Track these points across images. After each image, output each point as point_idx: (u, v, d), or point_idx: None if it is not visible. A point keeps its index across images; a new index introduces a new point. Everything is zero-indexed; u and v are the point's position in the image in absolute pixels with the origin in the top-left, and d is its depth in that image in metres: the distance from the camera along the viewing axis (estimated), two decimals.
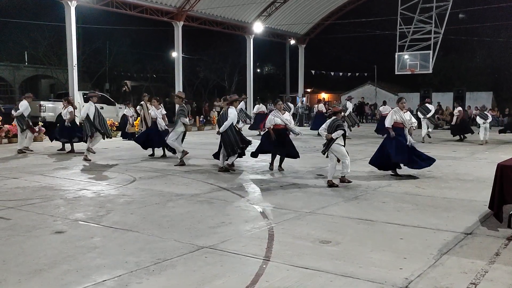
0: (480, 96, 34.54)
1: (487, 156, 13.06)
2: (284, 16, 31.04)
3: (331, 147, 8.33)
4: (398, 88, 41.58)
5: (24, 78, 36.30)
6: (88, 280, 4.03)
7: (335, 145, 8.34)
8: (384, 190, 8.10)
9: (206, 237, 5.31)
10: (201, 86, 44.26)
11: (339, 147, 8.38)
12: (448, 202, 7.20)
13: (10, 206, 6.78)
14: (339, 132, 8.29)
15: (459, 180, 9.16)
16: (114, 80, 42.60)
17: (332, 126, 8.34)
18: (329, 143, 8.36)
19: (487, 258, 4.61)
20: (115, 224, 5.86)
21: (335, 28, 34.70)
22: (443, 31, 26.14)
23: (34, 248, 4.90)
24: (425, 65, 26.65)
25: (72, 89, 20.71)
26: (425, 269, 4.31)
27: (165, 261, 4.52)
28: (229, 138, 9.88)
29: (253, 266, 4.40)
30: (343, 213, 6.45)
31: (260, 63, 47.39)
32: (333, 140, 8.31)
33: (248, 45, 30.76)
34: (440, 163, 11.55)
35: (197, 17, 26.85)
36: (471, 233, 5.50)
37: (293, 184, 8.70)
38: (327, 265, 4.42)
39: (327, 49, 44.59)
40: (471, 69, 40.30)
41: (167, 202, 7.11)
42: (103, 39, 35.33)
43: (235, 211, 6.63)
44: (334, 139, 8.30)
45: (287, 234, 5.44)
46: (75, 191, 8.00)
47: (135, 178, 9.34)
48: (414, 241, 5.18)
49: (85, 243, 5.09)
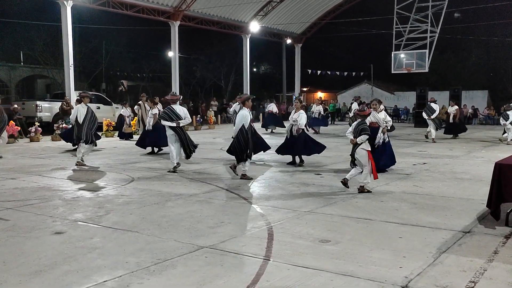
0: (476, 94, 34.70)
1: (484, 154, 13.12)
2: (280, 16, 31.08)
3: (356, 151, 7.88)
4: (394, 87, 41.72)
5: (20, 78, 36.15)
6: (89, 281, 4.03)
7: (359, 150, 7.84)
8: (382, 189, 8.13)
9: (206, 237, 5.31)
10: (198, 85, 44.25)
11: (362, 152, 7.83)
12: (446, 200, 7.23)
13: (8, 207, 6.77)
14: (363, 137, 7.77)
15: (457, 178, 9.20)
16: (111, 79, 42.49)
17: (357, 130, 7.87)
18: (353, 147, 7.94)
19: (485, 257, 4.64)
20: (114, 224, 5.86)
21: (332, 27, 34.85)
22: (439, 30, 26.27)
23: (34, 249, 4.89)
24: (421, 64, 26.78)
25: (69, 89, 20.69)
26: (424, 268, 4.33)
27: (165, 261, 4.52)
28: (239, 143, 9.11)
29: (253, 265, 4.41)
30: (342, 212, 6.48)
31: (256, 62, 47.44)
32: (358, 145, 7.84)
33: (245, 44, 30.79)
34: (437, 161, 11.61)
35: (194, 17, 26.87)
36: (470, 231, 5.53)
37: (291, 184, 8.72)
38: (327, 264, 4.44)
39: (323, 48, 44.72)
40: (467, 68, 40.48)
41: (166, 202, 7.12)
42: (99, 38, 35.25)
43: (234, 211, 6.64)
44: (359, 143, 7.82)
45: (286, 233, 5.45)
46: (74, 192, 7.99)
47: (133, 178, 9.33)
48: (413, 239, 5.21)
49: (85, 243, 5.09)
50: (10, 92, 34.41)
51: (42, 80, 37.67)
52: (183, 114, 10.18)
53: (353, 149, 7.91)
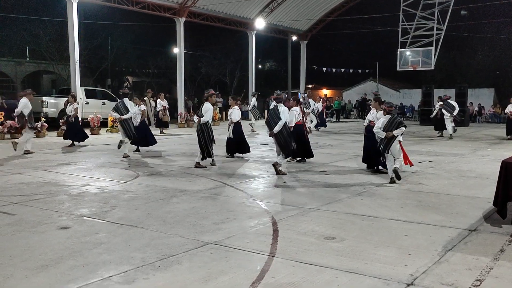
0: (482, 92, 34.52)
1: (490, 153, 13.05)
2: (286, 12, 30.99)
3: (393, 144, 8.37)
4: (399, 84, 41.57)
5: (26, 73, 36.30)
6: (95, 276, 4.05)
7: (395, 142, 8.39)
8: (388, 187, 8.10)
9: (211, 233, 5.32)
10: (203, 82, 44.23)
11: (396, 143, 8.40)
12: (451, 198, 7.20)
13: (14, 202, 6.80)
14: (401, 130, 8.34)
15: (462, 176, 9.16)
16: (116, 75, 42.57)
17: (393, 124, 8.35)
18: (389, 140, 8.35)
19: (491, 255, 4.62)
20: (120, 220, 5.88)
21: (337, 24, 34.66)
22: (445, 28, 26.09)
23: (40, 244, 4.91)
24: (427, 61, 26.62)
25: (74, 85, 20.73)
26: (430, 266, 4.32)
27: (170, 257, 4.53)
28: (285, 138, 9.19)
29: (258, 262, 4.41)
30: (347, 209, 6.47)
31: (261, 59, 47.35)
32: (395, 137, 8.33)
33: (250, 41, 30.73)
34: (443, 159, 11.56)
35: (199, 13, 26.83)
36: (475, 229, 5.51)
37: (296, 181, 8.71)
38: (332, 261, 4.43)
39: (329, 45, 44.60)
40: (473, 65, 40.24)
41: (171, 198, 7.13)
42: (105, 34, 35.31)
43: (239, 207, 6.65)
44: (396, 136, 8.32)
45: (291, 230, 5.45)
46: (79, 187, 8.01)
47: (138, 174, 9.35)
48: (419, 237, 5.19)
49: (90, 238, 5.10)
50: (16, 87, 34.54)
51: (48, 76, 37.79)
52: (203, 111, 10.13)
53: (390, 142, 8.32)
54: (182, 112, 25.35)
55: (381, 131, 8.44)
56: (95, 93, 24.34)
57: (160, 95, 19.86)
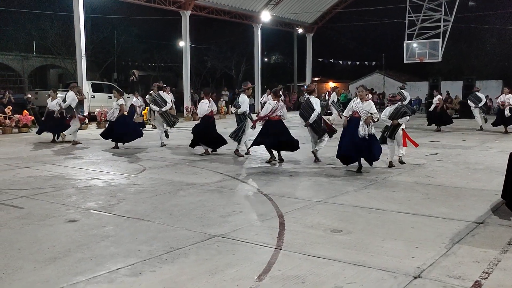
0: (490, 84, 34.21)
1: (498, 145, 12.97)
2: (291, 5, 30.84)
3: (397, 131, 9.28)
4: (406, 77, 41.28)
5: (33, 68, 36.40)
6: (103, 268, 4.07)
7: (399, 130, 9.31)
8: (394, 179, 8.08)
9: (217, 226, 5.33)
10: (209, 75, 44.18)
11: (400, 131, 9.33)
12: (458, 191, 7.17)
13: (23, 195, 6.85)
14: (406, 118, 9.22)
15: (470, 169, 9.12)
16: (122, 69, 42.62)
17: (398, 113, 9.15)
18: (395, 128, 9.24)
19: (499, 248, 4.60)
20: (127, 213, 5.91)
21: (343, 16, 34.48)
22: (452, 19, 25.87)
23: (48, 237, 4.95)
24: (434, 53, 26.43)
25: (81, 79, 20.77)
26: (437, 258, 4.31)
27: (177, 249, 4.55)
28: (319, 125, 9.74)
29: (265, 255, 4.42)
30: (354, 202, 6.46)
31: (267, 52, 47.18)
32: (400, 126, 9.24)
33: (256, 34, 30.64)
34: (450, 152, 11.51)
35: (205, 6, 26.77)
36: (483, 222, 5.48)
37: (302, 173, 8.71)
38: (339, 254, 4.43)
39: (335, 38, 44.37)
40: (481, 57, 39.87)
41: (177, 191, 7.15)
42: (111, 28, 35.30)
43: (246, 200, 6.66)
44: (401, 124, 9.23)
45: (298, 223, 5.45)
46: (86, 180, 8.06)
47: (145, 167, 9.38)
48: (426, 230, 5.18)
49: (98, 231, 5.13)
50: (23, 81, 34.68)
51: (55, 70, 37.87)
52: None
53: (395, 129, 9.22)
54: (188, 106, 25.38)
55: (387, 119, 9.25)
56: (101, 87, 24.39)
57: (166, 88, 19.86)
